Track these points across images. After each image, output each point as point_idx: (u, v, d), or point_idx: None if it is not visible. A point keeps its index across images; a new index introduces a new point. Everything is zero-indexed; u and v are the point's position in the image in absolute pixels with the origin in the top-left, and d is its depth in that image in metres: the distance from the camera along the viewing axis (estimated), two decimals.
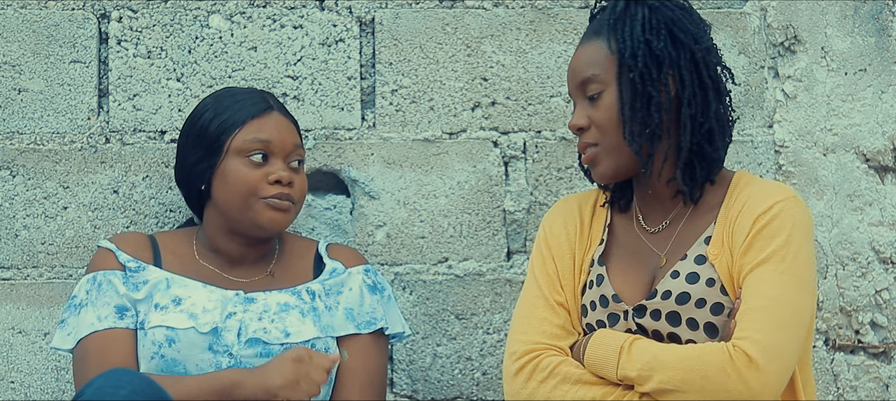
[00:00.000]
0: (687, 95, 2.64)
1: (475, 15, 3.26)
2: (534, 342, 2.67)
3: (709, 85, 2.66)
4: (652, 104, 2.63)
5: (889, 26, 3.28)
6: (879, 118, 3.26)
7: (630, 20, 2.67)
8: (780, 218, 2.57)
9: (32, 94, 3.22)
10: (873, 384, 3.23)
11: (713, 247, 2.63)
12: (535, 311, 2.72)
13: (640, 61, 2.64)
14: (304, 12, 3.25)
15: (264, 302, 2.88)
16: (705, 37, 2.69)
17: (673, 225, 2.71)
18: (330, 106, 3.24)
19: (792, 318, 2.51)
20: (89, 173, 3.20)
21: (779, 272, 2.53)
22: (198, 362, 2.81)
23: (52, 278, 3.19)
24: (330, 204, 3.25)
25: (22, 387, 3.17)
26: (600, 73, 2.67)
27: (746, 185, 2.68)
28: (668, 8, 2.67)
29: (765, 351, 2.47)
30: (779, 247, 2.55)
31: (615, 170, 2.69)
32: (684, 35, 2.66)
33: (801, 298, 2.54)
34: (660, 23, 2.66)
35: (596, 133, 2.68)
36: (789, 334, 2.50)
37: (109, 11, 3.24)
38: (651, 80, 2.64)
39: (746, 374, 2.46)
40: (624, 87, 2.64)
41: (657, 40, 2.64)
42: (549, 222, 2.82)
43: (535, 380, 2.63)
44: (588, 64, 2.69)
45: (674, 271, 2.63)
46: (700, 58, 2.66)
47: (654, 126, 2.64)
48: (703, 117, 2.66)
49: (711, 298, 2.59)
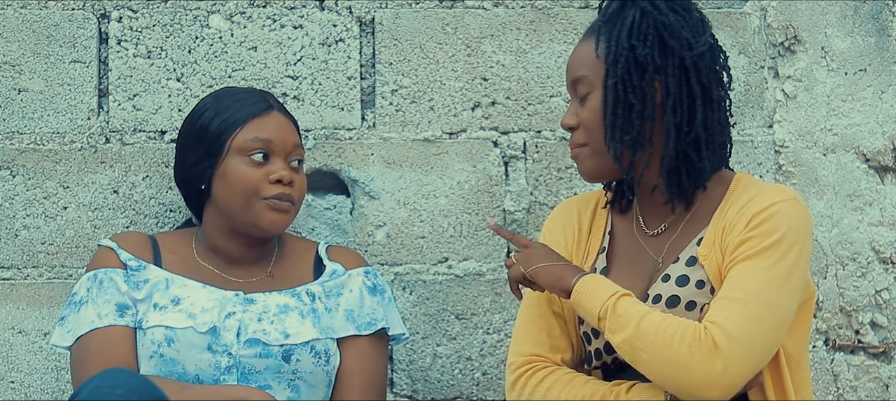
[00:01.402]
0: (671, 103, 2.61)
1: (475, 15, 3.26)
2: (530, 354, 2.70)
3: (697, 93, 2.62)
4: (633, 112, 2.60)
5: (889, 26, 3.28)
6: (879, 118, 3.26)
7: (620, 23, 2.64)
8: (776, 218, 2.56)
9: (32, 94, 3.22)
10: (873, 384, 3.23)
11: (704, 247, 2.62)
12: (531, 320, 2.75)
13: (622, 68, 2.61)
14: (304, 12, 3.25)
15: (264, 303, 2.88)
16: (700, 42, 2.63)
17: (671, 228, 2.71)
18: (330, 106, 3.24)
19: (766, 315, 2.50)
20: (89, 173, 3.20)
21: (763, 268, 2.52)
22: (196, 361, 2.81)
23: (52, 278, 3.19)
24: (330, 204, 3.25)
25: (22, 387, 3.17)
26: (589, 75, 2.66)
27: (747, 187, 2.66)
28: (662, 12, 2.63)
29: (730, 340, 2.46)
30: (770, 245, 2.54)
31: (599, 171, 2.69)
32: (675, 41, 2.61)
33: (781, 298, 2.52)
34: (649, 27, 2.61)
35: (584, 134, 2.68)
36: (761, 330, 2.49)
37: (109, 11, 3.24)
38: (632, 87, 2.60)
39: (709, 358, 2.45)
40: (607, 93, 2.63)
41: (643, 46, 2.60)
42: (548, 229, 2.83)
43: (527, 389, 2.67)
44: (579, 64, 2.69)
45: (665, 275, 2.63)
46: (690, 64, 2.61)
47: (635, 134, 2.61)
48: (689, 126, 2.62)
49: (701, 300, 2.59)
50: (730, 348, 2.45)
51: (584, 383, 2.64)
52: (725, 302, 2.50)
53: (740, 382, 2.49)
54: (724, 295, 2.52)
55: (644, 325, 2.50)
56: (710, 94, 2.64)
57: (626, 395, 2.57)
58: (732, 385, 2.48)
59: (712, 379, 2.46)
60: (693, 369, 2.46)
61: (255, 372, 2.83)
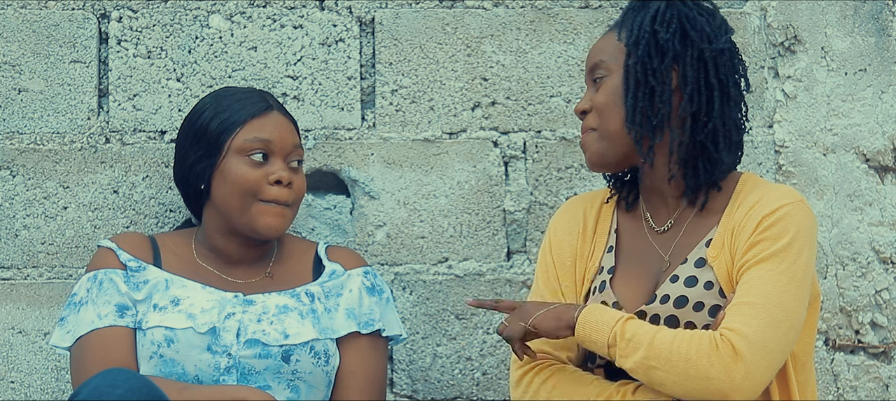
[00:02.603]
0: (689, 92, 2.64)
1: (475, 15, 3.26)
2: (535, 350, 2.68)
3: (715, 85, 2.65)
4: (655, 95, 2.64)
5: (889, 26, 3.28)
6: (879, 118, 3.26)
7: (644, 11, 2.68)
8: (785, 220, 2.57)
9: (32, 94, 3.22)
10: (873, 384, 3.23)
11: (713, 249, 2.63)
12: None
13: (642, 49, 2.64)
14: (304, 12, 3.25)
15: (263, 304, 2.88)
16: (721, 39, 2.67)
17: (678, 225, 2.71)
18: (330, 106, 3.24)
19: (783, 319, 2.51)
20: (89, 173, 3.20)
21: (777, 272, 2.53)
22: (196, 362, 2.81)
23: (52, 278, 3.19)
24: (330, 204, 3.25)
25: (22, 387, 3.17)
26: (608, 61, 2.69)
27: (753, 187, 2.67)
28: (686, 6, 2.68)
29: (752, 346, 2.47)
30: (781, 248, 2.55)
31: (604, 157, 2.69)
32: (696, 33, 2.65)
33: (795, 302, 2.53)
34: (672, 17, 2.66)
35: (595, 117, 2.69)
36: (779, 335, 2.50)
37: (109, 11, 3.24)
38: (653, 70, 2.64)
39: (731, 365, 2.46)
40: (629, 75, 2.65)
41: (665, 31, 2.65)
42: (553, 228, 2.83)
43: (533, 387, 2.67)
44: (599, 51, 2.73)
45: (673, 275, 2.63)
46: (709, 58, 2.65)
47: (657, 118, 2.64)
48: (707, 116, 2.65)
49: (709, 301, 2.59)
50: (752, 354, 2.46)
51: (590, 382, 2.64)
52: (743, 308, 2.51)
53: (762, 386, 2.50)
54: (741, 300, 2.52)
55: (657, 344, 2.50)
56: (727, 90, 2.67)
57: (632, 395, 2.57)
58: (755, 390, 2.49)
59: (735, 386, 2.46)
60: (714, 378, 2.46)
61: (254, 372, 2.83)
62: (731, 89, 2.67)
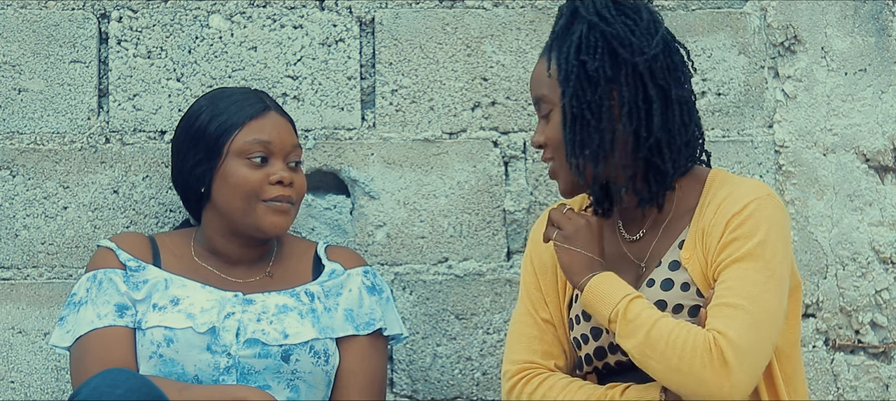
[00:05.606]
0: (626, 112, 2.60)
1: (475, 15, 3.26)
2: (523, 361, 2.71)
3: (654, 96, 2.60)
4: (590, 127, 2.60)
5: (889, 26, 3.28)
6: (879, 118, 3.25)
7: (568, 40, 2.63)
8: (754, 218, 2.56)
9: (32, 94, 3.22)
10: (873, 384, 3.23)
11: (686, 250, 2.62)
12: (523, 329, 2.76)
13: (574, 85, 2.60)
14: (304, 12, 3.25)
15: (263, 303, 2.88)
16: (652, 45, 2.61)
17: (651, 233, 2.71)
18: (330, 106, 3.24)
19: (766, 319, 2.51)
20: (89, 173, 3.20)
21: (754, 270, 2.53)
22: (196, 362, 2.81)
23: (52, 278, 3.19)
24: (330, 204, 3.25)
25: (22, 387, 3.17)
26: (547, 94, 2.66)
27: (721, 185, 2.66)
28: (609, 22, 2.61)
29: (738, 352, 2.47)
30: (755, 246, 2.54)
31: (572, 186, 2.69)
32: (625, 50, 2.59)
33: (776, 301, 2.53)
34: (597, 40, 2.60)
35: (551, 151, 2.68)
36: (761, 336, 2.50)
37: (109, 11, 3.24)
38: (587, 103, 2.60)
39: (721, 370, 2.47)
40: (565, 110, 2.62)
41: (592, 60, 2.59)
42: (533, 237, 2.83)
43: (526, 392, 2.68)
44: (538, 83, 2.70)
45: (650, 280, 2.63)
46: (644, 69, 2.60)
47: (595, 147, 2.60)
48: (647, 131, 2.61)
49: (688, 302, 2.59)
50: (739, 361, 2.47)
51: (580, 387, 2.65)
52: (726, 309, 2.51)
53: (751, 388, 2.51)
54: (723, 301, 2.52)
55: (654, 334, 2.50)
56: (668, 95, 2.62)
57: (621, 397, 2.58)
58: (745, 391, 2.50)
59: (724, 389, 2.48)
60: (707, 381, 2.48)
61: (254, 372, 2.83)
62: (672, 92, 2.62)
